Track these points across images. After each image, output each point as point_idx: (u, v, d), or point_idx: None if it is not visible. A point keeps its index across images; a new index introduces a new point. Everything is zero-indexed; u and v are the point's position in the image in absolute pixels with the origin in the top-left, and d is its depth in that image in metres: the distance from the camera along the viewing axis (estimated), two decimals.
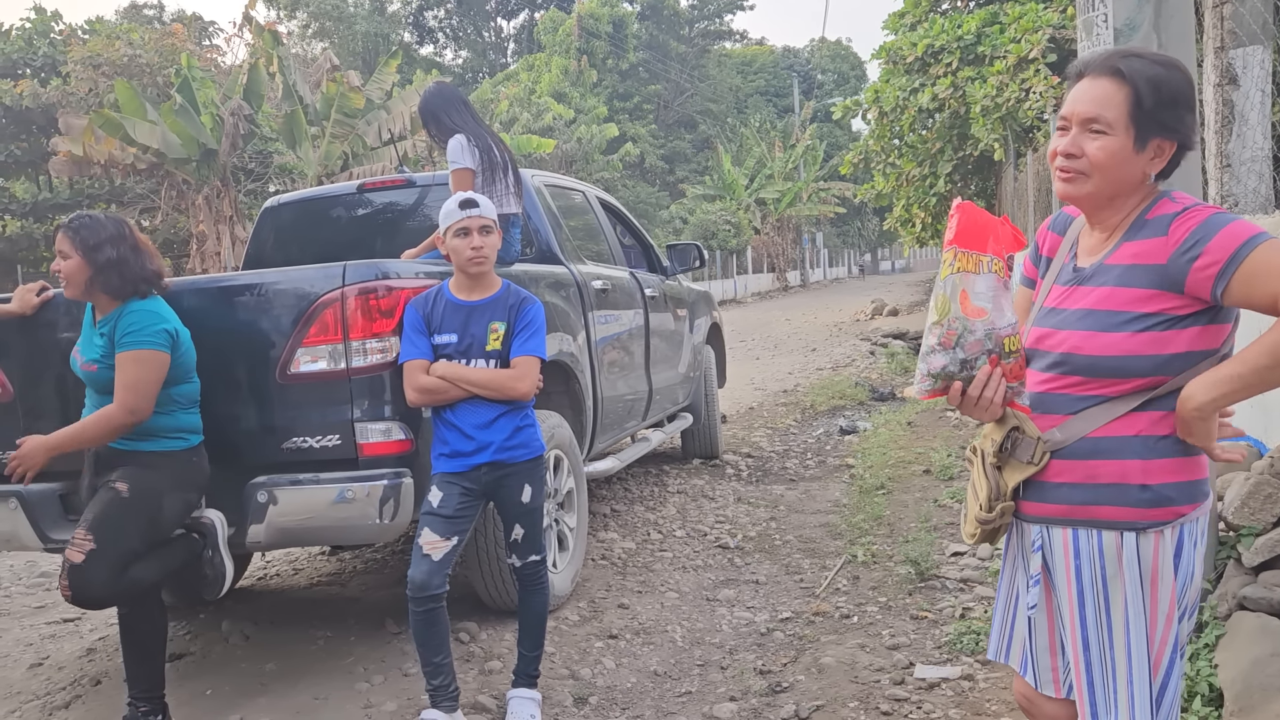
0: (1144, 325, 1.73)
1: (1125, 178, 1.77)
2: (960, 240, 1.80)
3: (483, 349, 3.16)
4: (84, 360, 3.12)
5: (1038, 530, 1.89)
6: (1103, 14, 2.94)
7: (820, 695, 3.40)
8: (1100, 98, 1.76)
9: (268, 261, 5.16)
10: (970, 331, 1.77)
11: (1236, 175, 3.14)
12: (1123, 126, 1.74)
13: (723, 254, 38.52)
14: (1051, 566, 1.88)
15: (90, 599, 2.98)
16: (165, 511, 3.10)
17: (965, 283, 1.78)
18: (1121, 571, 1.78)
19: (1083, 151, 1.77)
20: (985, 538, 1.94)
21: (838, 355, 14.92)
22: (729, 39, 58.45)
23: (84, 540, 2.91)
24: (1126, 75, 1.74)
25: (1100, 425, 1.78)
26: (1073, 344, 1.79)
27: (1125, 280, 1.76)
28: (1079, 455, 1.80)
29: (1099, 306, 1.77)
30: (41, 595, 5.16)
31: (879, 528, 5.40)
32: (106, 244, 3.08)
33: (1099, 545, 1.79)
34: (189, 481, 3.19)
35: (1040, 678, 1.97)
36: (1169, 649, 1.79)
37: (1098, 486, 1.78)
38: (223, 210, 20.01)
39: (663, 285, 6.29)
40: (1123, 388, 1.76)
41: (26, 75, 24.83)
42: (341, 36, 43.26)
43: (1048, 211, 11.95)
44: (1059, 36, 12.42)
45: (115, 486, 3.02)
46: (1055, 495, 1.83)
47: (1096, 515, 1.79)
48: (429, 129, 4.29)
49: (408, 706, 3.35)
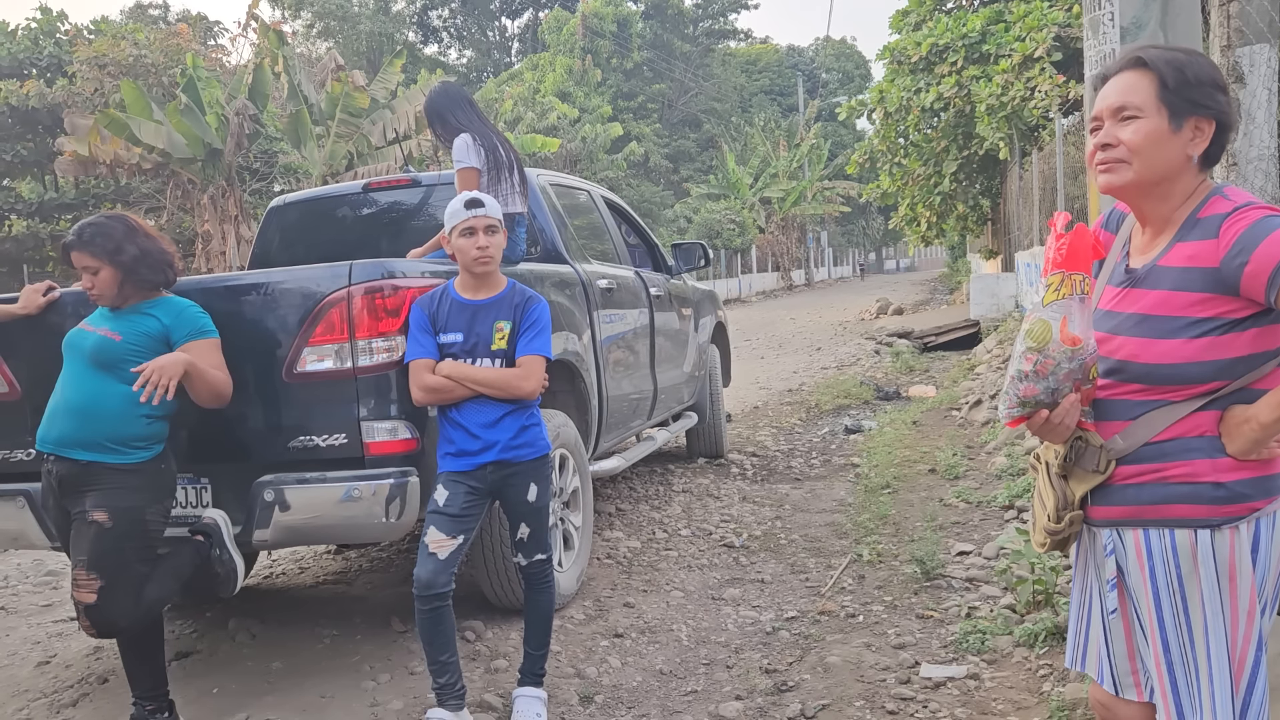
0: (1201, 330, 1.69)
1: (1166, 160, 1.73)
2: (1069, 264, 1.75)
3: (488, 348, 3.17)
4: (106, 329, 3.05)
5: (1109, 534, 1.85)
6: (1109, 12, 2.94)
7: (826, 694, 3.40)
8: (1125, 87, 1.75)
9: (273, 261, 5.17)
10: (1068, 360, 1.74)
11: (1243, 174, 3.13)
12: (1153, 108, 1.72)
13: (727, 253, 38.51)
14: (1125, 569, 1.84)
15: (118, 630, 3.00)
16: (151, 526, 3.05)
17: (1068, 309, 1.73)
18: (1197, 569, 1.74)
19: (1118, 140, 1.74)
20: (1055, 547, 1.92)
21: (842, 354, 14.91)
22: (733, 38, 58.44)
23: (89, 580, 2.89)
24: (1148, 62, 1.73)
25: (1163, 429, 1.74)
26: (1129, 351, 1.75)
27: (1180, 284, 1.72)
28: (1145, 459, 1.76)
29: (1154, 311, 1.74)
30: (48, 593, 5.17)
31: (884, 527, 5.40)
32: (125, 243, 3.08)
33: (1172, 544, 1.75)
34: (162, 488, 3.12)
35: (1121, 682, 1.91)
36: (1253, 645, 1.74)
37: (1168, 485, 1.74)
38: (228, 210, 20.05)
39: (668, 284, 6.29)
40: (1184, 393, 1.72)
41: (32, 75, 24.89)
42: (346, 36, 43.33)
43: (1053, 210, 11.94)
44: (1064, 35, 12.41)
45: (95, 519, 2.92)
46: (1124, 496, 1.80)
47: (1169, 514, 1.75)
48: (434, 128, 4.30)
49: (414, 705, 3.36)
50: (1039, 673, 3.35)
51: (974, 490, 5.88)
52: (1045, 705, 3.09)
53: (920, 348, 14.60)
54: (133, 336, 3.05)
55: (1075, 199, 10.86)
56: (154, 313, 3.12)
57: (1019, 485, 5.56)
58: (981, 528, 5.20)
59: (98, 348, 3.03)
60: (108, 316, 3.14)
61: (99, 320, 3.14)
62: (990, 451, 6.90)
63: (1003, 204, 18.27)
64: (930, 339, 14.99)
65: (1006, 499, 5.48)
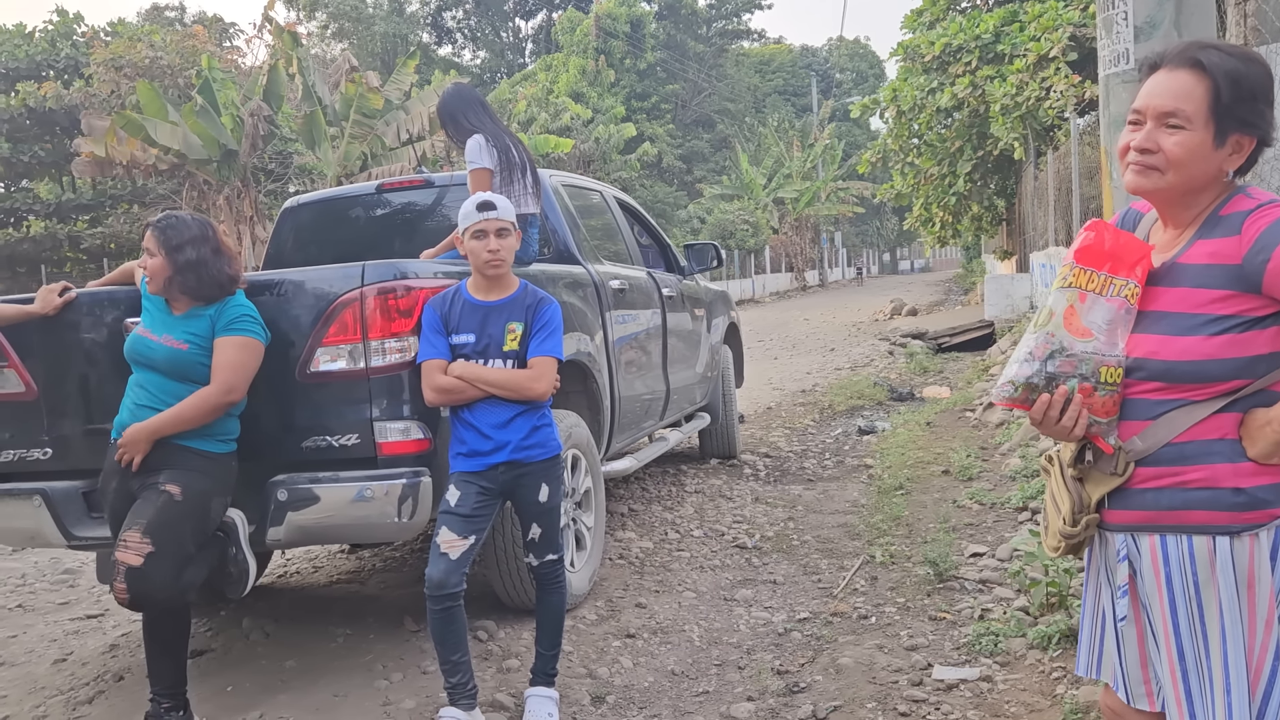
0: (1221, 328, 1.66)
1: (1202, 174, 1.71)
2: (1081, 257, 1.74)
3: (500, 349, 3.18)
4: (169, 338, 3.13)
5: (1123, 539, 1.81)
6: (1123, 11, 2.93)
7: (838, 695, 3.39)
8: (1179, 91, 1.69)
9: (287, 261, 5.19)
10: (1066, 349, 1.72)
11: (1259, 173, 3.11)
12: (1202, 121, 1.68)
13: (740, 254, 38.49)
14: (1140, 575, 1.80)
15: (150, 602, 3.00)
16: (212, 514, 3.15)
17: (1077, 301, 1.72)
18: (1215, 576, 1.70)
19: (1159, 147, 1.70)
20: (1069, 550, 1.88)
21: (856, 355, 14.87)
22: (747, 38, 58.45)
23: (141, 543, 2.92)
24: (1206, 67, 1.68)
25: (1183, 430, 1.71)
26: (1148, 348, 1.72)
27: (1200, 281, 1.69)
28: (1163, 461, 1.72)
29: (1173, 309, 1.71)
30: (65, 591, 5.21)
31: (897, 528, 5.38)
32: (188, 245, 3.14)
33: (1189, 550, 1.71)
34: (228, 485, 3.22)
35: (1133, 691, 1.87)
36: (1270, 655, 1.70)
37: (1187, 491, 1.71)
38: (243, 210, 20.17)
39: (680, 285, 6.29)
40: (1204, 392, 1.69)
41: (50, 77, 25.11)
42: (360, 37, 43.52)
43: (1068, 211, 11.89)
44: (1080, 34, 12.34)
45: (166, 489, 3.03)
46: (1141, 501, 1.76)
47: (1186, 520, 1.71)
48: (447, 130, 4.31)
49: (426, 704, 3.37)
50: (1052, 675, 3.34)
51: (988, 492, 5.86)
52: (1059, 708, 3.08)
53: (934, 348, 14.54)
54: (195, 340, 3.14)
55: (1090, 199, 10.80)
56: (208, 311, 3.18)
57: (1033, 487, 5.53)
58: (995, 529, 5.18)
59: (170, 360, 3.13)
60: (166, 322, 3.19)
61: (158, 326, 3.18)
62: (1004, 453, 6.88)
63: (1018, 204, 18.20)
64: (944, 340, 14.93)
65: (1020, 501, 5.46)
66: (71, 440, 3.63)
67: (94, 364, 3.55)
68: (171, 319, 3.19)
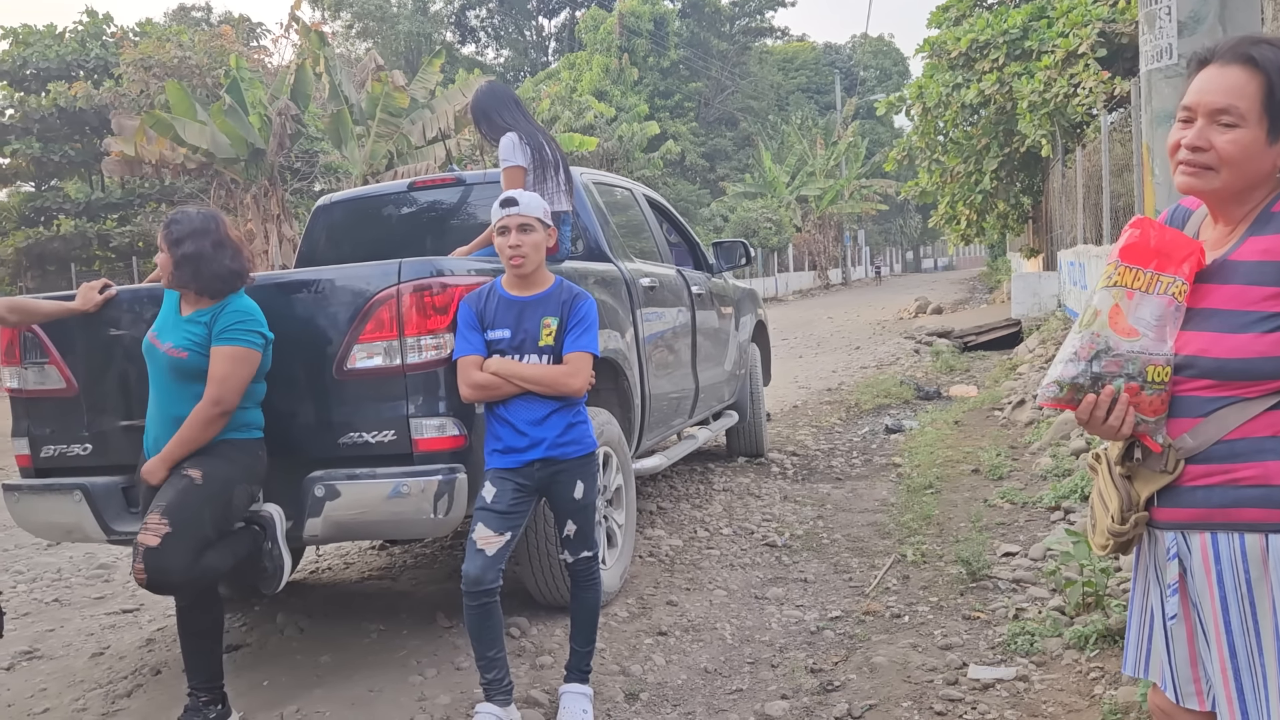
0: (1273, 325, 1.64)
1: (1255, 171, 1.69)
2: (1127, 255, 1.73)
3: (535, 345, 3.18)
4: (170, 345, 3.16)
5: (1172, 537, 1.79)
6: (1166, 6, 2.89)
7: (873, 694, 3.38)
8: (1231, 88, 1.66)
9: (320, 259, 5.22)
10: (1112, 349, 1.70)
11: None
12: (1255, 117, 1.66)
13: (764, 252, 38.39)
14: (1190, 573, 1.78)
15: (165, 583, 3.01)
16: (235, 500, 3.17)
17: (1123, 299, 1.71)
18: (1267, 574, 1.67)
19: (1211, 145, 1.68)
20: (1117, 549, 1.87)
21: (881, 354, 14.80)
22: (770, 36, 58.19)
23: (159, 524, 2.95)
24: (1260, 63, 1.65)
25: (1234, 428, 1.69)
26: (1199, 346, 1.71)
27: (1252, 278, 1.67)
28: (1215, 459, 1.71)
29: (1225, 306, 1.69)
30: (100, 586, 5.27)
31: (928, 527, 5.35)
32: (186, 239, 3.15)
33: (1241, 548, 1.69)
34: (254, 473, 3.25)
35: (1182, 690, 1.85)
36: None
37: (1239, 488, 1.69)
38: (270, 209, 20.29)
39: (709, 283, 6.28)
40: (1256, 390, 1.67)
41: (80, 77, 25.37)
42: (385, 36, 43.73)
43: (1097, 209, 11.78)
44: (1109, 30, 12.24)
45: (188, 473, 3.06)
46: (1192, 499, 1.74)
47: (1239, 518, 1.69)
48: (480, 127, 4.32)
49: (461, 700, 3.38)
50: (1090, 675, 3.31)
51: (1019, 491, 5.82)
52: (1097, 708, 3.05)
53: (960, 347, 14.45)
54: (194, 348, 3.15)
55: (1120, 196, 10.70)
56: (204, 318, 3.17)
57: (1065, 486, 5.49)
58: (1027, 529, 5.14)
59: (172, 368, 3.16)
60: (172, 326, 3.21)
61: (166, 333, 3.21)
62: (1034, 452, 6.83)
63: (1044, 202, 18.04)
64: (970, 338, 14.83)
65: (1053, 500, 5.42)
66: (110, 436, 3.67)
67: (133, 360, 3.58)
68: (177, 322, 3.21)
